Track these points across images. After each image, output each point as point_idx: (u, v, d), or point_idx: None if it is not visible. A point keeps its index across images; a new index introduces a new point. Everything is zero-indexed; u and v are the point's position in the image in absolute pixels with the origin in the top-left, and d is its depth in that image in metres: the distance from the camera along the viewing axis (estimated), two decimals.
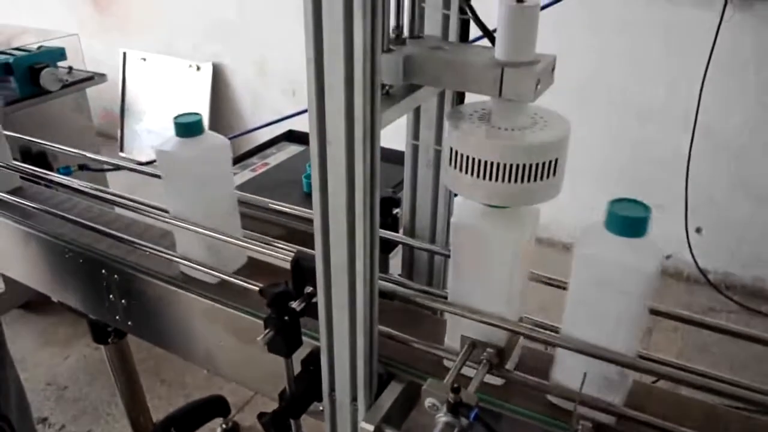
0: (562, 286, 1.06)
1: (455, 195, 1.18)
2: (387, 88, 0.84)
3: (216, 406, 2.00)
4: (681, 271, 3.48)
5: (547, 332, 0.92)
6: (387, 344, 1.03)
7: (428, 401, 0.82)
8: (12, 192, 1.58)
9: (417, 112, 1.08)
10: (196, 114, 1.19)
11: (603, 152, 3.46)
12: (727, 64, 2.95)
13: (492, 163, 0.79)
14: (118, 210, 1.51)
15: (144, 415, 1.99)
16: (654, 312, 1.01)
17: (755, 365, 2.66)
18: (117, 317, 1.43)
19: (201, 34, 4.53)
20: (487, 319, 0.90)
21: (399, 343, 1.04)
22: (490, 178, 0.80)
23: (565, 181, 0.86)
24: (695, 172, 3.15)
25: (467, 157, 0.81)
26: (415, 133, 1.10)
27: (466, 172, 0.82)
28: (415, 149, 1.11)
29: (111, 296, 1.41)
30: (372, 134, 0.75)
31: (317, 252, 0.86)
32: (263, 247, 1.16)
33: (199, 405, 2.00)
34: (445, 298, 1.00)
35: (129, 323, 1.42)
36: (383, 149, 0.82)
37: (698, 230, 3.35)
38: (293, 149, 2.19)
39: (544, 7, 1.70)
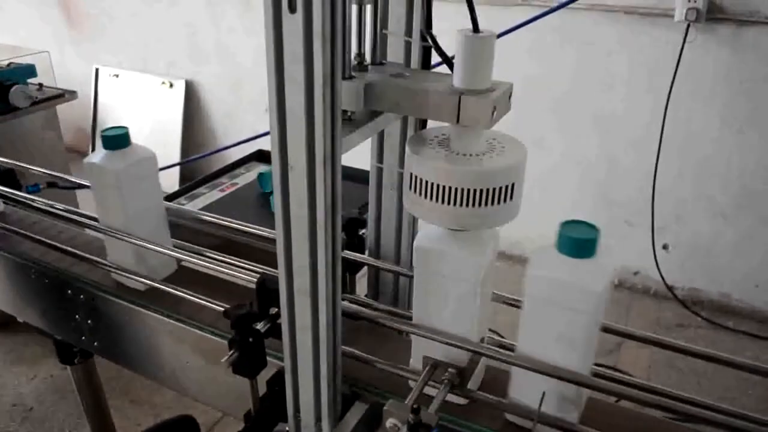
0: None
1: None
2: (349, 113, 0.86)
3: (185, 426, 1.97)
4: (649, 287, 3.53)
5: (508, 352, 0.93)
6: (352, 365, 1.04)
7: (389, 422, 0.83)
8: None
9: (381, 135, 1.10)
10: None
11: (573, 169, 3.51)
12: (691, 84, 3.03)
13: (450, 188, 0.81)
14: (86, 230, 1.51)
15: None
16: (621, 334, 1.04)
17: (720, 378, 2.72)
18: (83, 338, 1.42)
19: (174, 51, 4.53)
20: (447, 340, 0.92)
21: (364, 364, 1.05)
22: (449, 203, 0.82)
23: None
24: (662, 190, 3.21)
25: (426, 182, 0.83)
26: (379, 156, 1.11)
27: (426, 197, 0.84)
28: (380, 172, 1.13)
29: (77, 316, 1.40)
30: (333, 160, 0.76)
31: (280, 274, 0.87)
32: (228, 268, 1.16)
33: (168, 425, 1.96)
34: (410, 318, 1.01)
35: (95, 344, 1.41)
36: (350, 169, 0.83)
37: (665, 247, 3.41)
38: (262, 169, 2.20)
39: (515, 28, 1.74)
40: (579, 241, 0.82)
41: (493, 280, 0.97)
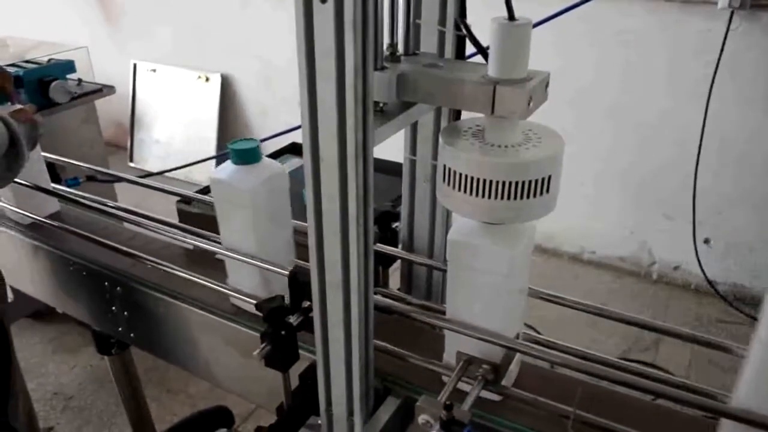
0: (563, 303, 1.07)
1: None
2: (381, 105, 0.85)
3: (220, 417, 1.99)
4: (689, 282, 3.45)
5: (543, 348, 0.91)
6: (384, 359, 1.03)
7: (421, 418, 0.82)
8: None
9: (414, 127, 1.09)
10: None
11: (609, 163, 3.44)
12: (734, 74, 2.94)
13: (484, 181, 0.79)
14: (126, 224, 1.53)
15: (147, 425, 1.99)
16: (660, 330, 1.01)
17: None
18: (119, 329, 1.44)
19: (210, 45, 4.57)
20: (481, 335, 0.90)
21: (396, 358, 1.04)
22: (483, 195, 0.80)
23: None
24: (702, 183, 3.13)
25: (460, 174, 0.81)
26: (412, 148, 1.10)
27: (460, 189, 0.82)
28: (413, 164, 1.12)
29: (114, 308, 1.42)
30: (364, 152, 0.75)
31: (312, 268, 0.86)
32: (261, 260, 1.16)
33: (203, 415, 1.99)
34: (443, 312, 1.00)
35: (131, 335, 1.44)
36: (383, 162, 0.82)
37: (706, 241, 3.33)
38: (296, 162, 2.20)
39: (543, 21, 1.71)
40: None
41: (529, 274, 0.95)
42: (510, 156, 0.81)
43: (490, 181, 0.79)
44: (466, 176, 0.81)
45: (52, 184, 1.61)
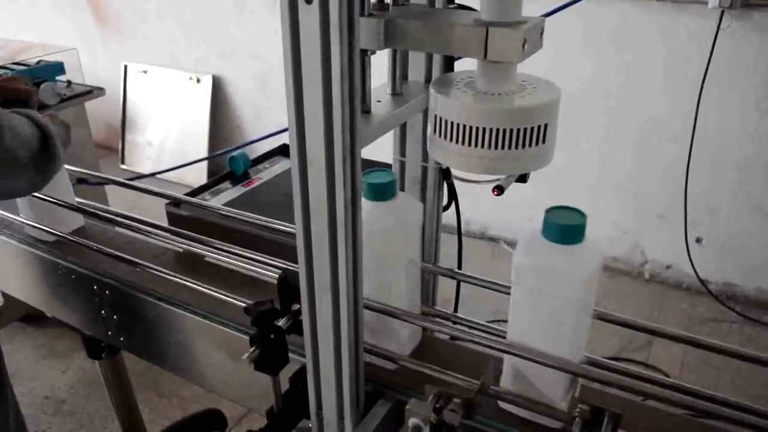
0: None
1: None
2: (368, 105, 0.84)
3: (212, 420, 1.98)
4: (681, 281, 3.46)
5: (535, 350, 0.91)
6: (375, 361, 1.02)
7: (412, 421, 0.81)
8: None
9: (403, 128, 1.08)
10: None
11: (601, 163, 3.45)
12: (725, 73, 2.95)
13: (477, 129, 0.76)
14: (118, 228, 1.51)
15: (139, 429, 1.98)
16: (651, 332, 1.01)
17: (757, 376, 2.65)
18: (109, 332, 1.43)
19: (201, 46, 4.55)
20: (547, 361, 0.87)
21: (387, 361, 1.03)
22: (476, 145, 0.76)
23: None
24: (695, 182, 3.14)
25: (453, 124, 0.77)
26: (402, 150, 1.09)
27: (452, 140, 0.78)
28: (402, 166, 1.11)
29: (103, 312, 1.41)
30: (352, 154, 0.74)
31: (300, 270, 0.85)
32: (251, 263, 1.16)
33: (195, 419, 1.98)
34: (433, 315, 1.00)
35: (121, 339, 1.43)
36: (373, 163, 0.80)
37: (698, 240, 3.34)
38: (286, 164, 2.19)
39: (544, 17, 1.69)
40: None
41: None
42: (504, 103, 0.77)
43: (483, 129, 0.75)
44: (458, 125, 0.77)
45: (78, 199, 1.55)
